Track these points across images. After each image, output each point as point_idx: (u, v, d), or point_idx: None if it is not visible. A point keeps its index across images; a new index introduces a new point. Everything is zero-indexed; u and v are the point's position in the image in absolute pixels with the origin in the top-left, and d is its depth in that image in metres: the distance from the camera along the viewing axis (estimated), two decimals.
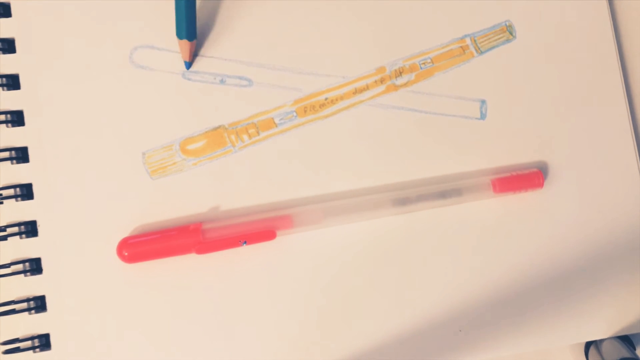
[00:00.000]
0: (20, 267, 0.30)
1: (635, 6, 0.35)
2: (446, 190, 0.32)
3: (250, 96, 0.32)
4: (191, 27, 0.31)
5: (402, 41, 0.33)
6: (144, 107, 0.31)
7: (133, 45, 0.32)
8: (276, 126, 0.32)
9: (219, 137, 0.32)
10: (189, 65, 0.32)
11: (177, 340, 0.31)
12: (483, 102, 0.33)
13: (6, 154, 0.31)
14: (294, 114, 0.32)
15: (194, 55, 0.32)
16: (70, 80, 0.31)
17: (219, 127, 0.32)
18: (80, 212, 0.31)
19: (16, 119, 0.31)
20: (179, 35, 0.31)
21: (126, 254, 0.29)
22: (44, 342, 0.30)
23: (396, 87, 0.33)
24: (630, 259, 0.33)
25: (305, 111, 0.32)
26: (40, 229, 0.30)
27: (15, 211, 0.30)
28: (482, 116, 0.33)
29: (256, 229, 0.30)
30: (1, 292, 0.30)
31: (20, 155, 0.31)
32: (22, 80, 0.31)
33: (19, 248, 0.30)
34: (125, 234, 0.31)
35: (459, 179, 0.32)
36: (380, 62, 0.33)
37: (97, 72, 0.31)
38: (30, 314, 0.30)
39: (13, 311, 0.30)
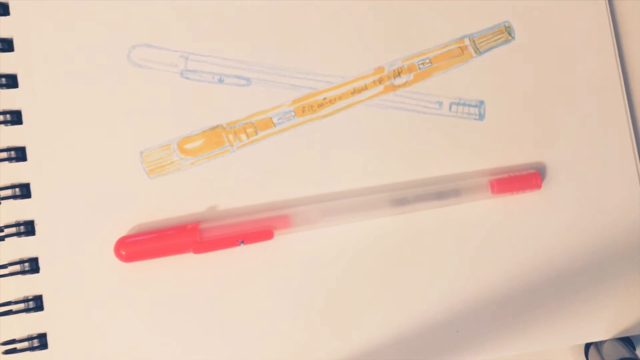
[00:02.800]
0: (17, 266, 0.30)
1: (635, 6, 0.35)
2: (444, 191, 0.32)
3: (248, 96, 0.32)
4: None
5: (400, 41, 0.33)
6: (141, 106, 0.31)
7: (131, 43, 0.32)
8: (274, 126, 0.32)
9: (217, 137, 0.32)
10: None
11: (174, 339, 0.30)
12: (482, 102, 0.33)
13: (4, 154, 0.31)
14: (292, 113, 0.32)
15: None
16: (68, 79, 0.31)
17: (217, 126, 0.32)
18: (77, 211, 0.31)
19: (14, 118, 0.31)
20: None
21: (123, 253, 0.29)
22: (41, 341, 0.30)
23: (394, 88, 0.33)
24: (630, 260, 0.33)
25: (303, 111, 0.32)
26: (37, 228, 0.30)
27: (13, 210, 0.30)
28: (481, 117, 0.33)
29: (254, 229, 0.30)
30: None
31: (19, 154, 0.31)
32: (20, 79, 0.31)
33: (16, 247, 0.30)
34: (123, 233, 0.30)
35: (457, 179, 0.32)
36: (378, 62, 0.33)
37: (95, 71, 0.31)
38: (27, 313, 0.30)
39: (10, 312, 0.30)
